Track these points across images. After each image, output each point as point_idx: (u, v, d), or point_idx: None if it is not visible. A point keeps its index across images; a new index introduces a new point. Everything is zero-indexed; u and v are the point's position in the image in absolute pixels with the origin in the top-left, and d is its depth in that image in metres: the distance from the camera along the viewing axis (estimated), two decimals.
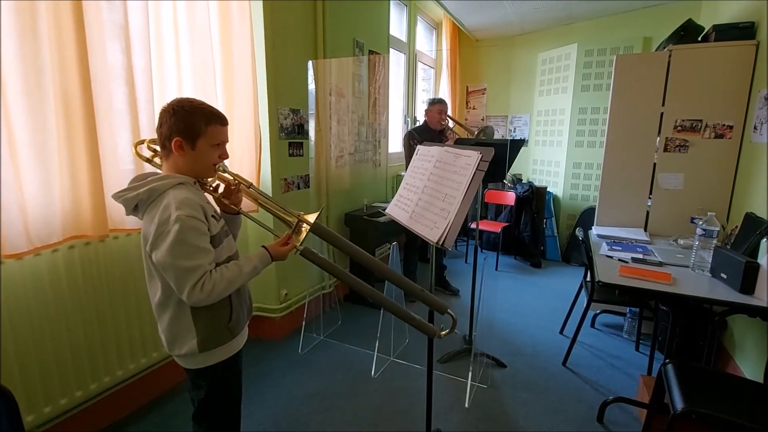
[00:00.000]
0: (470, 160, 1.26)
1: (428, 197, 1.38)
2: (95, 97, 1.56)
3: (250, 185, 1.26)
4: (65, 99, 1.48)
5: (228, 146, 1.17)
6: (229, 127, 1.17)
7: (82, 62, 1.50)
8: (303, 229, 1.20)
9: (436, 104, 3.28)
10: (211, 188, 1.24)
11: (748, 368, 2.02)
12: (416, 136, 3.16)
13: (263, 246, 1.18)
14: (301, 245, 1.18)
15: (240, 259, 1.15)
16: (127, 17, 1.64)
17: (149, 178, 1.10)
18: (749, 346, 2.05)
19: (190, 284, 1.01)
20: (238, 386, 1.29)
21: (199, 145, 1.10)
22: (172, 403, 2.02)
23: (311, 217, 1.21)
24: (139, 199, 1.05)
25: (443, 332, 1.25)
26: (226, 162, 1.22)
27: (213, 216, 1.13)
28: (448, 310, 1.25)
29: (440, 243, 1.22)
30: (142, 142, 1.26)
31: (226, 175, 1.23)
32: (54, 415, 1.60)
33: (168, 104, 1.10)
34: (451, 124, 3.51)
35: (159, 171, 1.19)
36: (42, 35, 1.40)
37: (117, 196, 1.08)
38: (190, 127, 1.08)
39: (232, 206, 1.25)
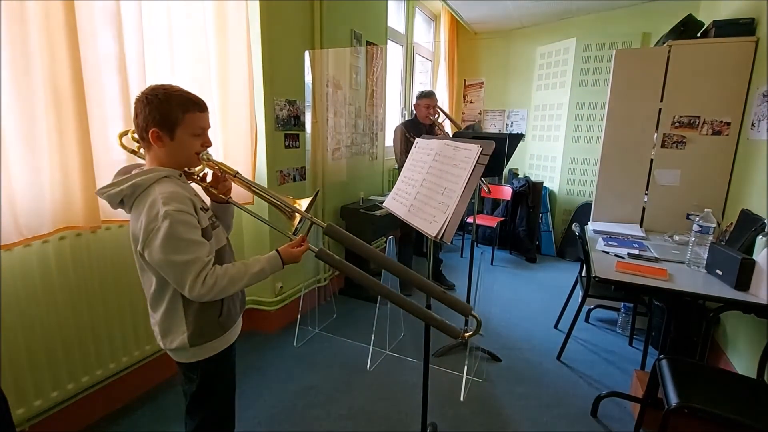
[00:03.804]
0: (470, 153, 1.24)
1: (427, 191, 1.36)
2: (86, 85, 1.52)
3: (235, 173, 1.18)
4: (55, 86, 1.44)
5: (223, 137, 1.13)
6: (224, 117, 1.13)
7: (72, 49, 1.45)
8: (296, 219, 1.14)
9: (423, 98, 3.13)
10: (198, 177, 1.20)
11: (739, 364, 2.04)
12: (406, 131, 3.07)
13: (276, 249, 1.13)
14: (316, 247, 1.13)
15: (248, 259, 1.10)
16: (119, 4, 1.60)
17: (133, 172, 1.05)
18: (741, 341, 2.07)
19: (191, 278, 0.98)
20: (231, 380, 1.28)
21: (178, 135, 1.05)
22: (165, 396, 2.01)
23: (304, 202, 1.16)
24: (123, 194, 1.01)
25: (467, 334, 1.16)
26: (211, 150, 1.16)
27: (202, 208, 1.10)
28: (472, 312, 1.15)
29: (439, 237, 1.20)
30: (126, 132, 1.18)
31: (212, 163, 1.16)
32: (45, 408, 1.58)
33: (142, 93, 1.04)
34: (442, 118, 3.30)
35: (143, 162, 1.14)
36: (30, 19, 1.36)
37: (100, 192, 1.04)
38: (166, 116, 1.02)
39: (221, 195, 1.21)
